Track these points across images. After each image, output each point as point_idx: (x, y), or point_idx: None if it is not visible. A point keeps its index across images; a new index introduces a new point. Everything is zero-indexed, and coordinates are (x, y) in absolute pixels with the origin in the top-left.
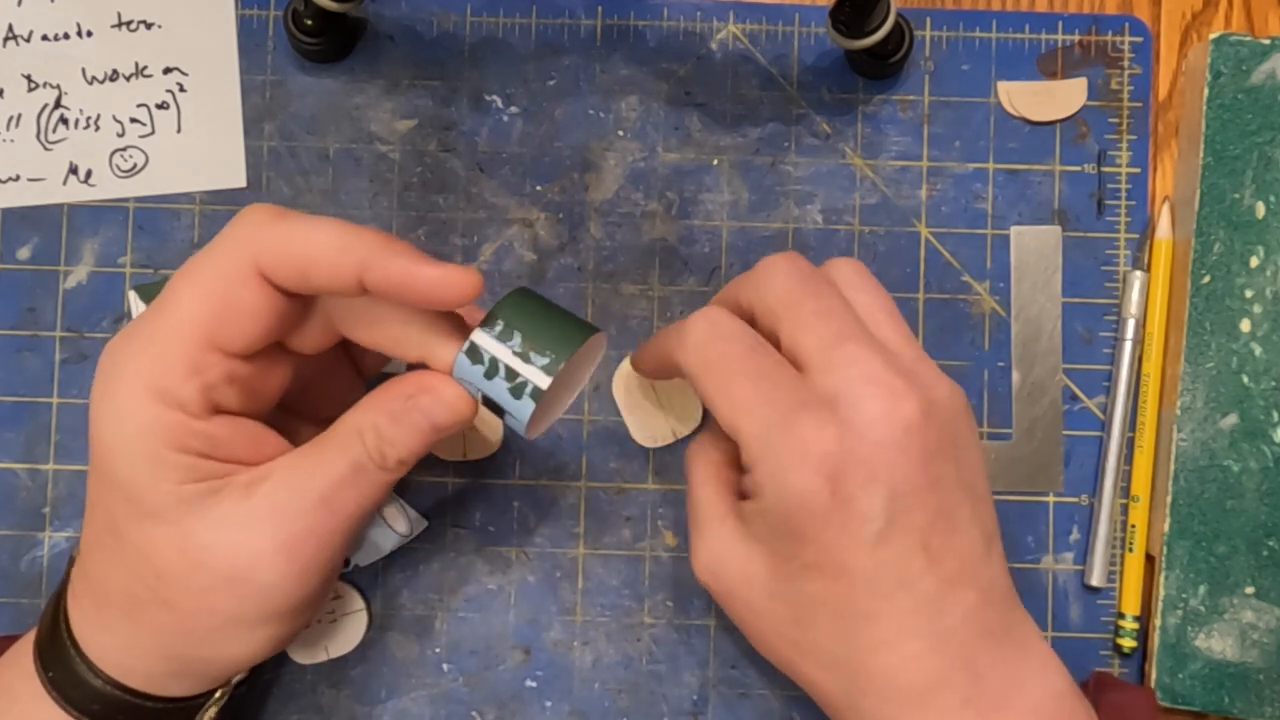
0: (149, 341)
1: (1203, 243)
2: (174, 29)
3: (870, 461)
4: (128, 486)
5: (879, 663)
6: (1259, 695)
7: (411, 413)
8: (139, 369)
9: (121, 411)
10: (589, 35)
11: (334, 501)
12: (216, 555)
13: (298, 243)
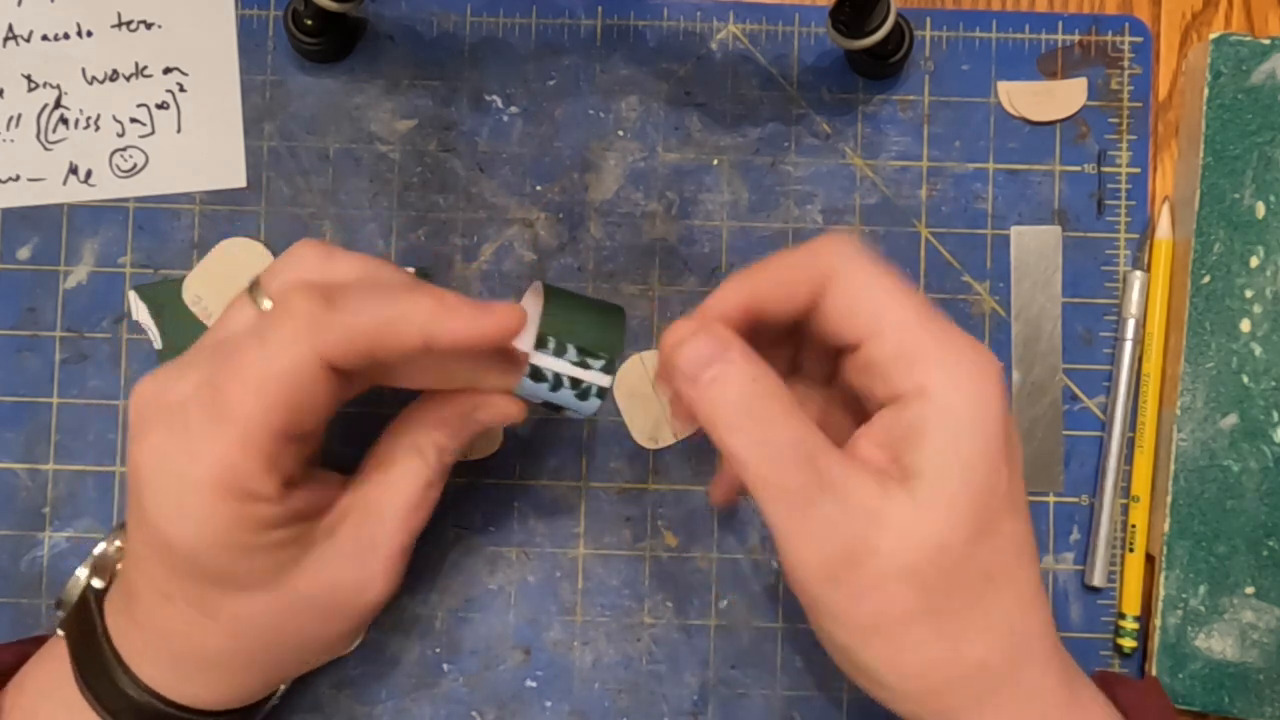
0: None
1: (1203, 243)
2: (174, 29)
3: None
4: (220, 576)
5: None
6: (1259, 695)
7: (471, 426)
8: (209, 474)
9: (199, 515)
10: (589, 35)
11: (411, 520)
12: (322, 597)
13: (361, 331)
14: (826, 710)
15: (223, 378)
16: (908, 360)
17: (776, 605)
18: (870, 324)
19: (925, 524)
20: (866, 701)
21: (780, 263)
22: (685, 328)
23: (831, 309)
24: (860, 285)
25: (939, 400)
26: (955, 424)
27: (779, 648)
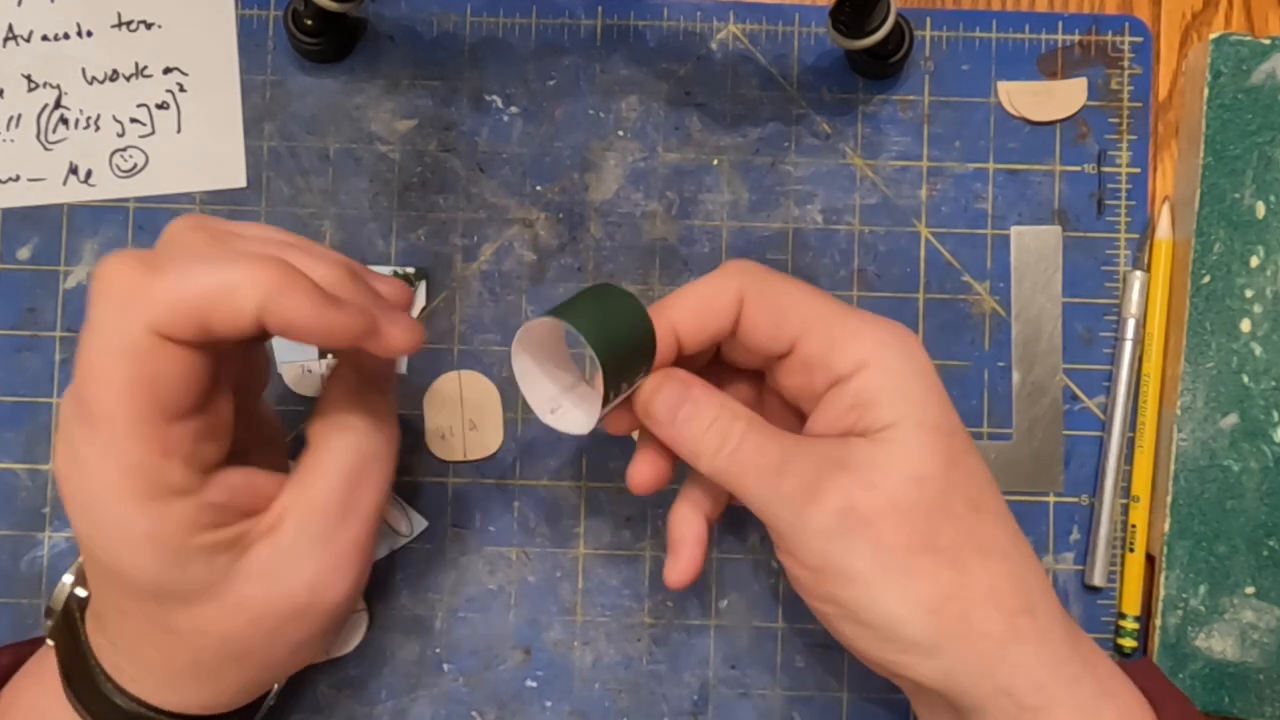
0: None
1: (1203, 243)
2: (174, 29)
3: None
4: (161, 589)
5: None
6: (1259, 695)
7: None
8: (112, 483)
9: (124, 528)
10: (589, 35)
11: (359, 503)
12: (279, 602)
13: (186, 301)
14: (826, 710)
15: (78, 379)
16: (841, 344)
17: (776, 605)
18: (797, 326)
19: (899, 461)
20: (867, 702)
21: (692, 291)
22: (653, 381)
23: (754, 324)
24: (776, 296)
25: (877, 364)
26: (898, 377)
27: (779, 648)
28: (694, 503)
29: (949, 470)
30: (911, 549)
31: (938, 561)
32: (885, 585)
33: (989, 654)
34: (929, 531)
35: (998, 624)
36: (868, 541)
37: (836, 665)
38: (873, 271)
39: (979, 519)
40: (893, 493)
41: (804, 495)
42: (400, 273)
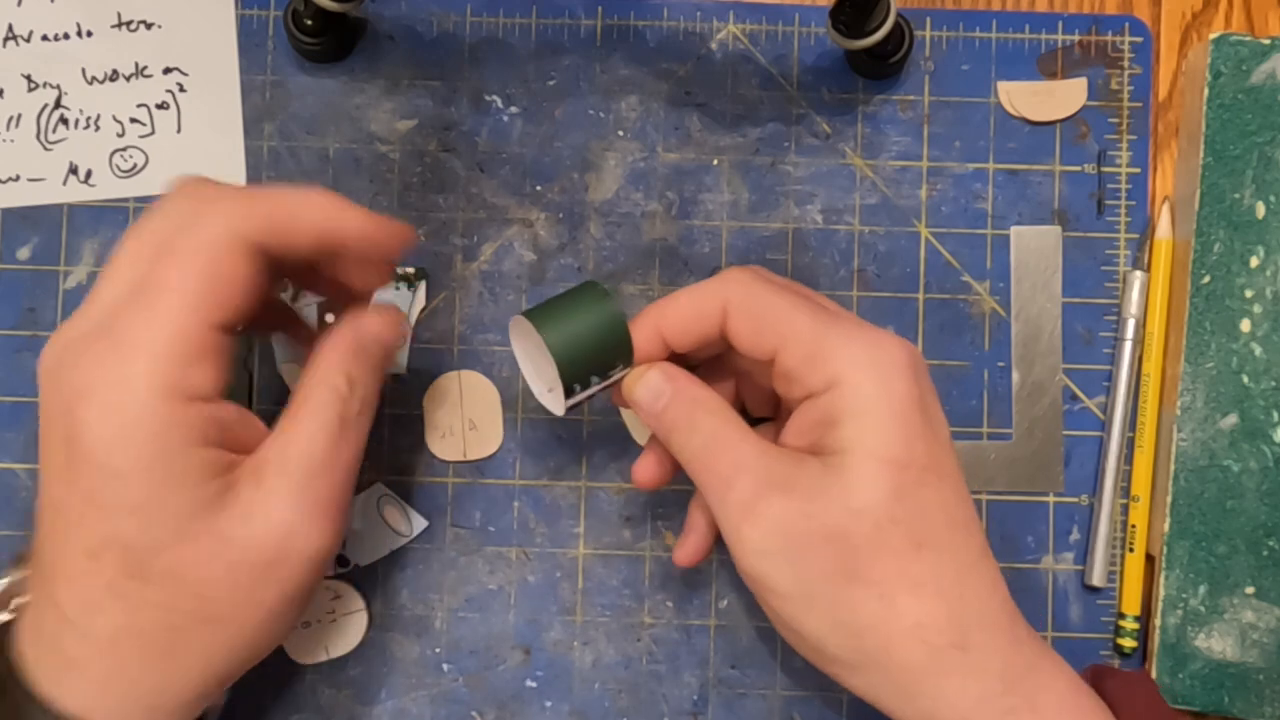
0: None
1: (1203, 243)
2: (174, 29)
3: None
4: (146, 510)
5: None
6: (1259, 695)
7: (373, 350)
8: (140, 369)
9: (131, 422)
10: (589, 35)
11: (337, 457)
12: (255, 546)
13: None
14: (826, 710)
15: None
16: (814, 361)
17: None
18: (775, 339)
19: (841, 490)
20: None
21: (682, 296)
22: (638, 371)
23: (737, 334)
24: (758, 307)
25: (847, 387)
26: (864, 402)
27: (779, 648)
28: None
29: (892, 505)
30: (837, 577)
31: (864, 594)
32: (808, 607)
33: (910, 684)
34: (858, 563)
35: (920, 657)
36: (795, 565)
37: None
38: (873, 271)
39: (917, 555)
40: (827, 522)
41: (743, 510)
42: (400, 272)
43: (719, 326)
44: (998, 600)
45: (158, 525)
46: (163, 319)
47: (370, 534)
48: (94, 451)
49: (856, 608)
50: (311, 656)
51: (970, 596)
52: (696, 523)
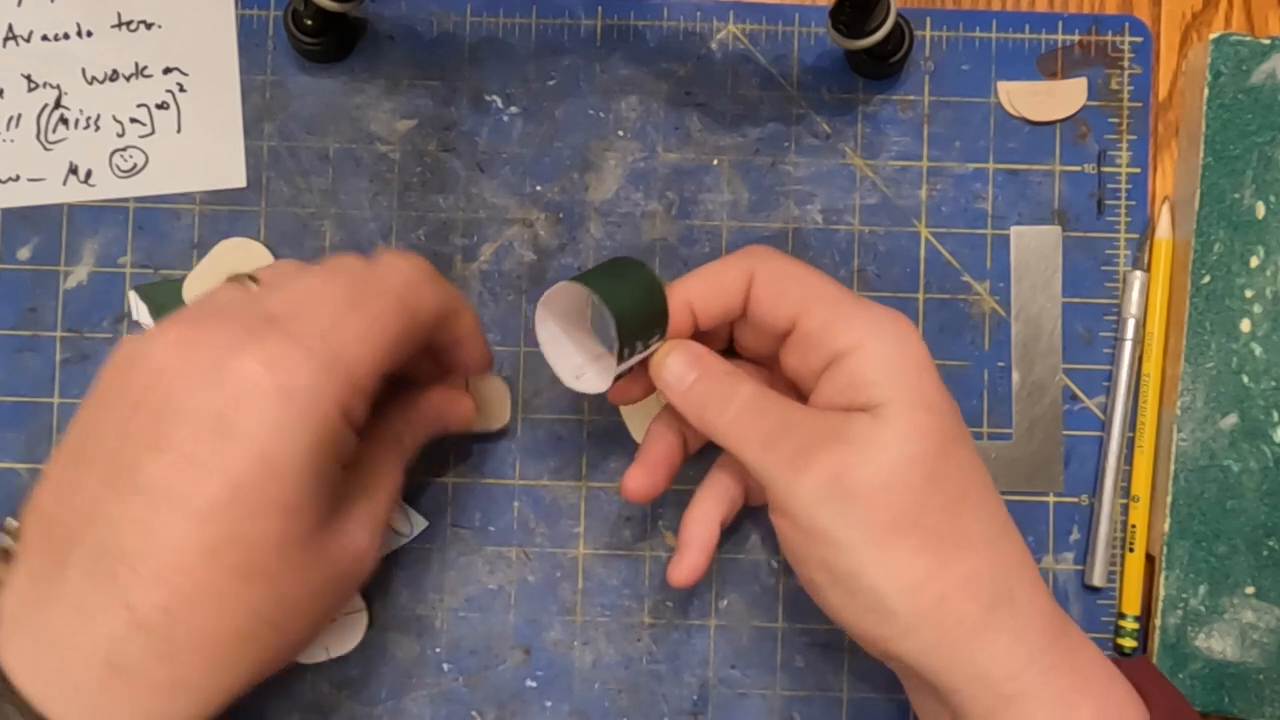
0: (337, 359)
1: (1203, 243)
2: (174, 29)
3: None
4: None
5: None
6: (1259, 695)
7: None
8: (332, 387)
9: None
10: (589, 35)
11: (393, 500)
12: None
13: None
14: (826, 710)
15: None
16: (837, 325)
17: (776, 605)
18: (798, 303)
19: (895, 440)
20: (866, 701)
21: (707, 268)
22: (666, 347)
23: (758, 299)
24: (782, 275)
25: (873, 346)
26: (894, 361)
27: (779, 648)
28: (708, 506)
29: (939, 456)
30: (896, 526)
31: (920, 543)
32: (869, 556)
33: (963, 640)
34: (915, 513)
35: (972, 612)
36: (855, 511)
37: (836, 665)
38: (873, 271)
39: (962, 508)
40: (885, 469)
41: (799, 459)
42: None
43: (742, 296)
44: (1029, 556)
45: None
46: (353, 355)
47: None
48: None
49: (914, 558)
50: (311, 656)
51: (1009, 550)
52: (695, 537)
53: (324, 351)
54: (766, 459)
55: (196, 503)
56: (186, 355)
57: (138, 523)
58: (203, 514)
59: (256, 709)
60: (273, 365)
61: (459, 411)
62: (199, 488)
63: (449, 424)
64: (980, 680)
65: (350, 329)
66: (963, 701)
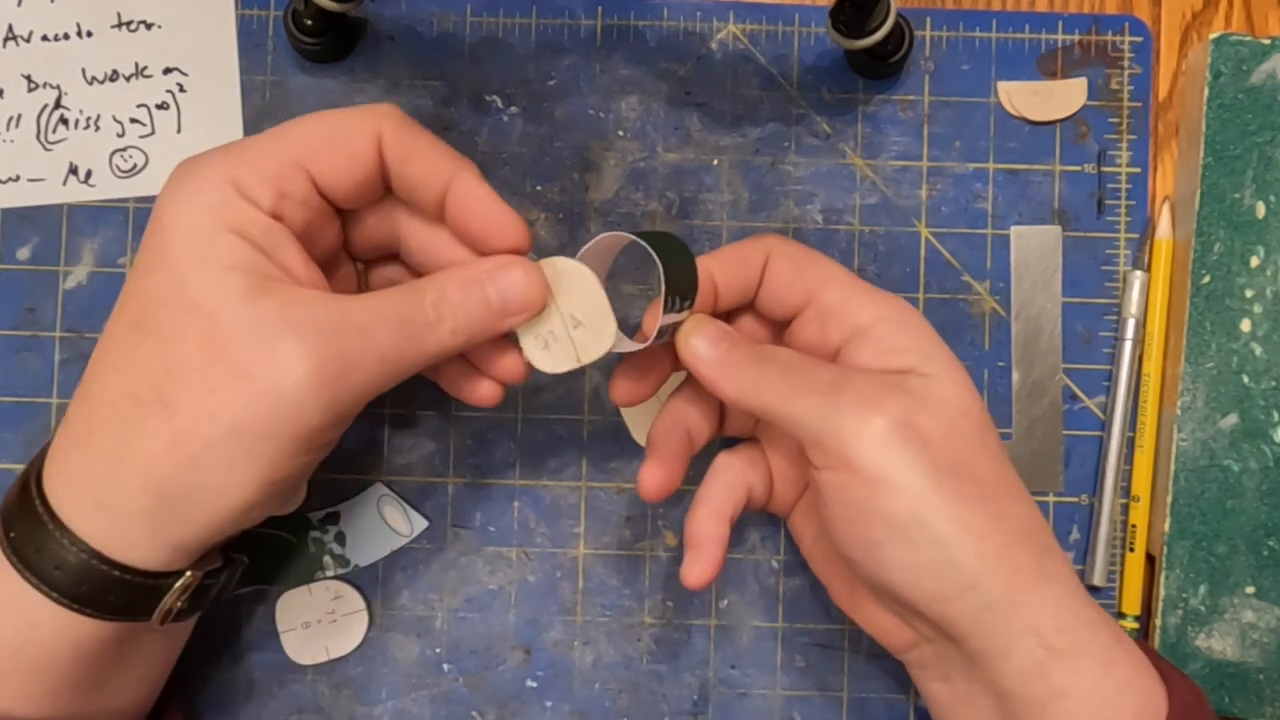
0: (246, 145)
1: (1203, 243)
2: (174, 29)
3: None
4: (177, 265)
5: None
6: (1259, 695)
7: (484, 284)
8: (224, 162)
9: (191, 191)
10: (589, 35)
11: (373, 335)
12: (240, 351)
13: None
14: (826, 710)
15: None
16: (859, 298)
17: (776, 605)
18: (817, 279)
19: (952, 393)
20: (866, 701)
21: (729, 248)
22: (694, 321)
23: (778, 276)
24: (799, 255)
25: (897, 318)
26: (921, 329)
27: (779, 648)
28: (717, 503)
29: (983, 413)
30: (960, 474)
31: (980, 492)
32: (937, 503)
33: (1022, 589)
34: (973, 463)
35: (1030, 560)
36: (924, 457)
37: (836, 665)
38: (873, 271)
39: (1003, 463)
40: (946, 419)
41: (864, 405)
42: None
43: (759, 273)
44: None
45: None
46: (261, 141)
47: (370, 534)
48: (158, 210)
49: (978, 505)
50: (311, 656)
51: (1035, 507)
52: (709, 535)
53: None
54: (827, 407)
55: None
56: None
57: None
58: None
59: (257, 709)
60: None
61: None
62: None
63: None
64: (1034, 632)
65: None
66: (1012, 661)
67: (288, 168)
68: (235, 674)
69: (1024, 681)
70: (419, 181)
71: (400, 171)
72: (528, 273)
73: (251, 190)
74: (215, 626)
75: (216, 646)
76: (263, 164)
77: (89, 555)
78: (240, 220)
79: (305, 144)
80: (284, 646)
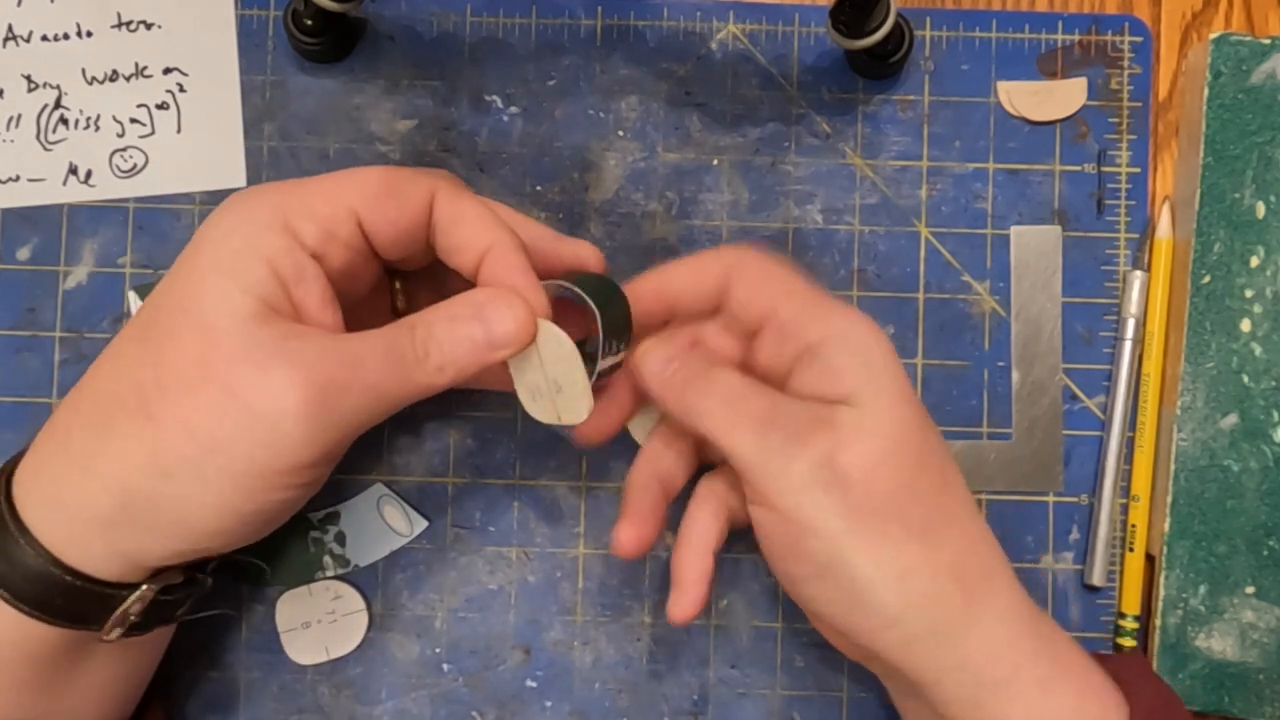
0: (306, 183)
1: (1203, 243)
2: (174, 29)
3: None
4: (199, 278)
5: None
6: (1259, 695)
7: (470, 320)
8: (280, 193)
9: (240, 214)
10: (589, 35)
11: (362, 367)
12: (233, 371)
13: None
14: (826, 710)
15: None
16: (811, 314)
17: (776, 605)
18: (776, 295)
19: (881, 426)
20: (866, 701)
21: (683, 260)
22: (647, 343)
23: (740, 293)
24: (761, 270)
25: (844, 337)
26: (869, 351)
27: (779, 648)
28: (699, 537)
29: (921, 444)
30: (883, 514)
31: (906, 531)
32: (855, 545)
33: (949, 626)
34: (901, 501)
35: (958, 596)
36: (843, 498)
37: (836, 665)
38: (873, 271)
39: (944, 492)
40: (873, 455)
41: (788, 445)
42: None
43: (717, 289)
44: (998, 544)
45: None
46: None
47: (370, 534)
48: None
49: (902, 545)
50: (311, 656)
51: (986, 536)
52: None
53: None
54: (755, 444)
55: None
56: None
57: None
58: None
59: (257, 709)
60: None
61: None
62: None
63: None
64: (964, 667)
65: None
66: (945, 691)
67: (340, 210)
68: (235, 674)
69: (961, 710)
70: (461, 246)
71: (446, 232)
72: (514, 308)
73: (298, 225)
74: (215, 626)
75: (217, 646)
76: (316, 203)
77: (42, 556)
78: (273, 249)
79: (363, 191)
80: (284, 646)
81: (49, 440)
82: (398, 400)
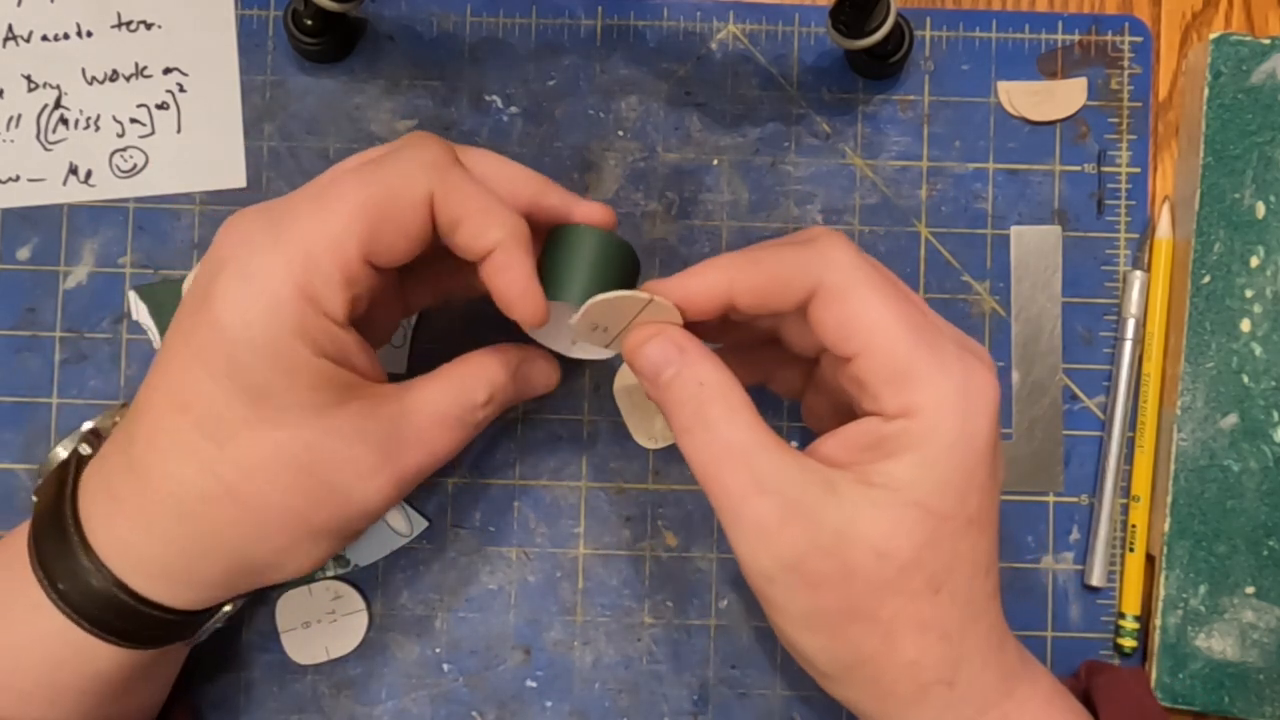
0: (304, 236)
1: (1203, 243)
2: (174, 29)
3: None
4: (257, 387)
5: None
6: (1259, 695)
7: (521, 378)
8: (291, 267)
9: (264, 307)
10: (589, 35)
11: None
12: (324, 462)
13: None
14: (826, 710)
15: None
16: (899, 382)
17: None
18: (862, 343)
19: (872, 530)
20: None
21: (767, 259)
22: (646, 332)
23: (820, 320)
24: (850, 301)
25: (924, 421)
26: (935, 447)
27: (779, 648)
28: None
29: (921, 552)
30: (844, 616)
31: (868, 630)
32: (810, 631)
33: (891, 709)
34: (870, 602)
35: (908, 689)
36: (804, 594)
37: None
38: None
39: (933, 599)
40: (848, 561)
41: (759, 537)
42: None
43: (799, 304)
44: (996, 636)
45: (254, 404)
46: (322, 232)
47: (370, 534)
48: (220, 315)
49: (858, 642)
50: (311, 656)
51: (971, 638)
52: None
53: (287, 238)
54: (728, 515)
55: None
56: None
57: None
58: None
59: (257, 709)
60: (240, 245)
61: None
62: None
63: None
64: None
65: (307, 218)
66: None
67: (353, 263)
68: (235, 674)
69: None
70: (464, 248)
71: (447, 235)
72: (549, 364)
73: (326, 302)
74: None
75: (217, 646)
76: (329, 268)
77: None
78: (318, 341)
79: (364, 227)
80: (284, 646)
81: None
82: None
